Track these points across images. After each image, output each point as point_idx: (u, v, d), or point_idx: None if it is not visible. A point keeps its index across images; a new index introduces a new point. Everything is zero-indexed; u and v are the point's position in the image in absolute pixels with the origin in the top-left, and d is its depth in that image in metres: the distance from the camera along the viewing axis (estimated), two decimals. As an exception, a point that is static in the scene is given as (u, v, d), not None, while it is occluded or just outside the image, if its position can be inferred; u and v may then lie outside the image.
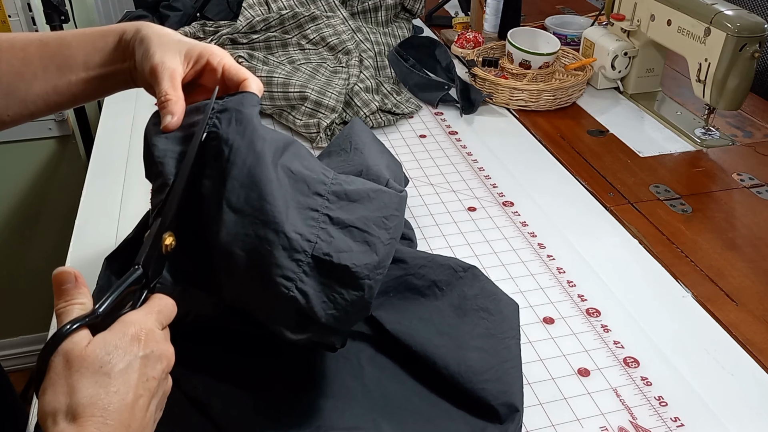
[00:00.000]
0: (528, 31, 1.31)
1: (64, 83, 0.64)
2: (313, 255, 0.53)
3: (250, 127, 0.55)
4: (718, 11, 1.04)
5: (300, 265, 0.53)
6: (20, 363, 2.01)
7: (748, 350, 0.73)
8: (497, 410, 0.60)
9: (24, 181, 1.75)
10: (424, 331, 0.65)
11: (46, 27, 1.44)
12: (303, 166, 0.58)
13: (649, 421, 0.65)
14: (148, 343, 0.45)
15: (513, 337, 0.66)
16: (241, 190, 0.53)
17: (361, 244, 0.56)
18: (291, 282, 0.52)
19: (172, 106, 0.56)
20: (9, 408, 0.96)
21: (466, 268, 0.71)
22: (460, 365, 0.62)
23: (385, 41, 1.36)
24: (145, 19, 1.46)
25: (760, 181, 1.03)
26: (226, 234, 0.52)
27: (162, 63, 0.58)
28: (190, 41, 0.61)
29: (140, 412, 0.44)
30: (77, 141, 1.71)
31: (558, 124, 1.19)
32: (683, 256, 0.87)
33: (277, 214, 0.52)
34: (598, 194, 0.99)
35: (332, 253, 0.54)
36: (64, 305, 0.46)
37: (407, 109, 1.20)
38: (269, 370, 0.63)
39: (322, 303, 0.54)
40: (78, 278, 0.47)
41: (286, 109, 1.13)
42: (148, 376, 0.45)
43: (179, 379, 0.54)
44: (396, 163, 0.91)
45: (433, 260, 0.70)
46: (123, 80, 0.64)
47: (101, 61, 0.63)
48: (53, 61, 0.63)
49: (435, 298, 0.68)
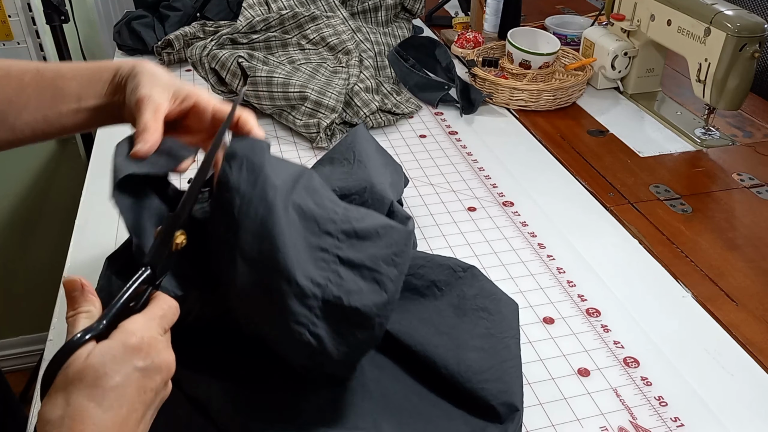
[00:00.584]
0: (528, 31, 1.31)
1: (54, 113, 0.63)
2: (323, 299, 0.54)
3: (261, 176, 0.55)
4: (718, 11, 1.04)
5: (312, 310, 0.54)
6: (20, 363, 2.02)
7: (748, 350, 0.73)
8: (497, 410, 0.60)
9: (24, 181, 1.76)
10: (423, 331, 0.65)
11: (47, 27, 1.44)
12: (314, 202, 0.58)
13: (649, 421, 0.65)
14: (149, 354, 0.45)
15: (513, 337, 0.66)
16: (254, 242, 0.53)
17: (370, 283, 0.56)
18: (304, 327, 0.54)
19: (148, 135, 0.56)
20: (8, 409, 0.96)
21: (465, 268, 0.71)
22: (459, 365, 0.62)
23: (385, 41, 1.36)
24: (145, 19, 1.46)
25: (760, 181, 1.03)
26: (241, 283, 0.53)
27: (149, 96, 0.58)
28: (181, 82, 0.61)
29: (133, 425, 0.44)
30: (77, 141, 1.71)
31: (558, 124, 1.19)
32: (683, 256, 0.87)
33: (289, 263, 0.53)
34: (598, 194, 0.99)
35: (342, 296, 0.54)
36: (72, 314, 0.46)
37: (407, 109, 1.20)
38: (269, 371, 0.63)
39: (334, 341, 0.55)
40: (84, 286, 0.47)
41: (286, 109, 1.13)
42: (146, 388, 0.44)
43: (180, 380, 0.54)
44: (398, 174, 0.91)
45: (432, 260, 0.70)
46: (111, 115, 0.64)
47: (95, 94, 0.63)
48: (47, 91, 0.63)
49: (434, 298, 0.68)
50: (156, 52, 1.41)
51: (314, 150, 1.09)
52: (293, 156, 1.07)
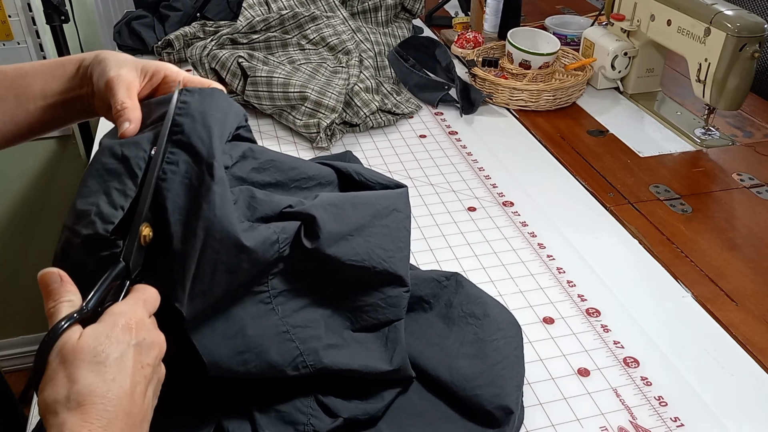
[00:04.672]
0: (528, 31, 1.31)
1: (21, 112, 0.63)
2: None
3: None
4: (718, 11, 1.04)
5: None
6: (20, 363, 2.02)
7: (748, 350, 0.73)
8: (493, 414, 0.60)
9: (24, 181, 1.76)
10: (415, 344, 0.65)
11: (47, 27, 1.44)
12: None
13: (649, 421, 0.65)
14: (139, 332, 0.46)
15: (501, 338, 0.66)
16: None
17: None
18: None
19: (128, 113, 0.56)
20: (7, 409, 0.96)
21: (448, 276, 0.71)
22: (452, 374, 0.62)
23: (385, 41, 1.36)
24: (145, 19, 1.46)
25: (760, 181, 1.03)
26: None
27: (118, 76, 0.58)
28: (147, 60, 0.61)
29: (139, 398, 0.44)
30: (77, 141, 1.71)
31: (558, 124, 1.19)
32: (683, 256, 0.87)
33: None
34: (598, 194, 0.99)
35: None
36: (53, 304, 0.46)
37: (407, 109, 1.20)
38: None
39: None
40: (63, 277, 0.48)
41: (286, 109, 1.14)
42: (143, 363, 0.45)
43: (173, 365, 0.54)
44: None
45: (416, 276, 0.70)
46: (82, 108, 0.64)
47: (59, 88, 0.63)
48: (11, 91, 0.63)
49: (423, 311, 0.69)
50: (156, 52, 1.41)
51: (314, 150, 1.09)
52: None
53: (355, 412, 0.59)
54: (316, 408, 0.59)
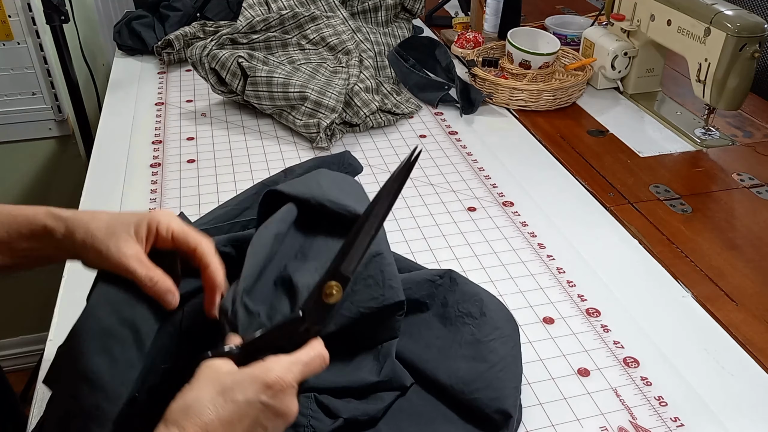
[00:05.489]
0: (528, 31, 1.31)
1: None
2: None
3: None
4: (718, 11, 1.04)
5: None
6: (20, 363, 2.01)
7: (748, 350, 0.73)
8: (492, 417, 0.60)
9: (24, 181, 1.75)
10: (412, 346, 0.65)
11: (47, 27, 1.44)
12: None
13: (649, 421, 0.65)
14: (277, 395, 0.47)
15: (498, 337, 0.65)
16: None
17: None
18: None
19: (162, 285, 0.55)
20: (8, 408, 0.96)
21: (441, 274, 0.70)
22: (450, 377, 0.62)
23: (385, 41, 1.36)
24: (145, 19, 1.46)
25: (760, 181, 1.03)
26: None
27: (124, 255, 0.55)
28: (132, 217, 0.58)
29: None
30: (77, 141, 1.71)
31: (558, 124, 1.19)
32: (683, 256, 0.87)
33: None
34: (598, 194, 0.99)
35: None
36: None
37: (407, 109, 1.20)
38: None
39: None
40: None
41: (286, 109, 1.14)
42: (261, 423, 0.46)
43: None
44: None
45: (411, 279, 0.69)
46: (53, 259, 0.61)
47: (28, 248, 0.59)
48: None
49: (420, 312, 0.69)
50: (156, 52, 1.41)
51: (314, 150, 1.09)
52: (293, 156, 1.07)
53: (355, 412, 0.59)
54: (317, 410, 0.59)
